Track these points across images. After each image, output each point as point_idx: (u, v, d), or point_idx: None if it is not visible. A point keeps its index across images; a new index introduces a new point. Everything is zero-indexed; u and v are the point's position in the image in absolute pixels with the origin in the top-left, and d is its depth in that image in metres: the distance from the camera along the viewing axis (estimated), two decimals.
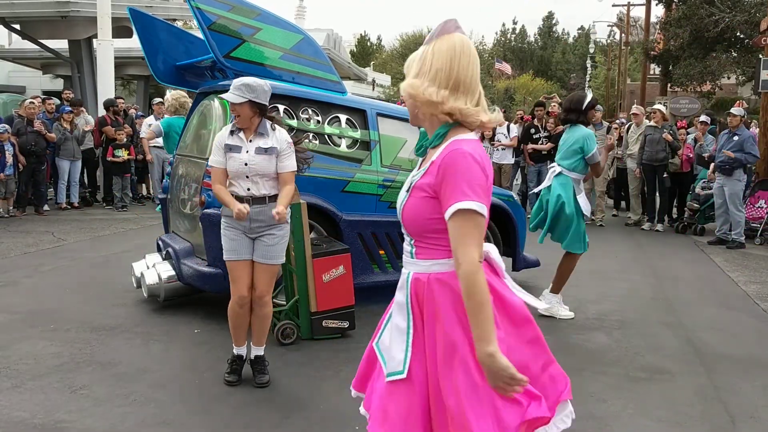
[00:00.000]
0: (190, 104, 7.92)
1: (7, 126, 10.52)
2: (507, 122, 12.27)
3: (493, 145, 11.88)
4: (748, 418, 3.82)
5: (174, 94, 8.23)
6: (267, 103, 3.93)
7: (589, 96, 5.86)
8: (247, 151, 3.88)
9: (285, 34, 5.54)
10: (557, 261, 5.74)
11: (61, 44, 18.27)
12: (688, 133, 11.25)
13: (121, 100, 13.36)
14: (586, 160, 5.62)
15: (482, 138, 11.85)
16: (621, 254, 8.46)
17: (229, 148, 3.89)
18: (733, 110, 9.83)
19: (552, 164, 5.95)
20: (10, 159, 10.38)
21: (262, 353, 4.17)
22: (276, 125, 4.02)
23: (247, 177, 3.90)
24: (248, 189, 3.91)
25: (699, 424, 3.72)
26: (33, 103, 11.21)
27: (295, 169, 4.00)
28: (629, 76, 42.18)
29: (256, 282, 4.00)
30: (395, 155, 5.99)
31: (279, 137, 3.95)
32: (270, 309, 4.12)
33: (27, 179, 10.92)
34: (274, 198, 3.93)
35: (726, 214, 9.60)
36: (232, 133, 3.94)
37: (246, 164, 3.87)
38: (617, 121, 13.83)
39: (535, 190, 6.22)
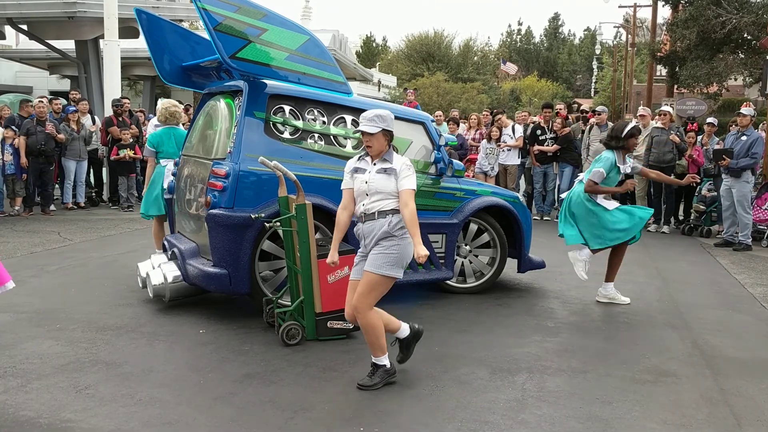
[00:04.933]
0: (181, 114, 7.69)
1: None
2: (512, 123, 12.23)
3: (498, 146, 11.84)
4: (754, 421, 3.80)
5: (165, 103, 7.40)
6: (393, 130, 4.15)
7: (631, 125, 6.13)
8: (369, 172, 4.10)
9: (291, 35, 5.54)
10: (562, 262, 5.73)
11: (67, 45, 18.34)
12: (697, 136, 11.18)
13: (127, 101, 13.40)
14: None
15: (489, 139, 11.85)
16: (627, 256, 8.38)
17: (356, 170, 4.16)
18: (743, 110, 9.79)
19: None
20: (9, 158, 10.40)
21: (376, 361, 4.14)
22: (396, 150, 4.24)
23: (367, 194, 4.08)
24: (363, 204, 4.10)
25: (705, 427, 3.70)
26: (42, 102, 11.24)
27: (414, 188, 4.05)
28: (635, 78, 42.06)
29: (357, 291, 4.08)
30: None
31: (399, 160, 4.11)
32: (365, 320, 4.06)
33: (35, 179, 10.96)
34: (383, 213, 4.03)
35: (733, 216, 9.56)
36: (360, 158, 4.20)
37: (366, 182, 4.08)
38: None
39: (562, 196, 6.52)
